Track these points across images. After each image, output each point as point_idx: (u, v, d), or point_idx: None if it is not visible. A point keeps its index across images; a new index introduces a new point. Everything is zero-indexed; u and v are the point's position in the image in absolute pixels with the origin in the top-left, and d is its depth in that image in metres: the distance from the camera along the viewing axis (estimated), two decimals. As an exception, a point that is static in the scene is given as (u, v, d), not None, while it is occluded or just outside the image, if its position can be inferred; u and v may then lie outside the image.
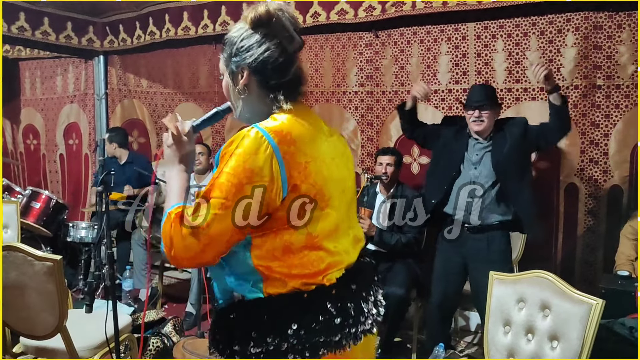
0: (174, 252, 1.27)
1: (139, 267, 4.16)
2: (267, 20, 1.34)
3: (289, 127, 1.32)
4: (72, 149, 5.87)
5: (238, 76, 1.38)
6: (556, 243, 3.61)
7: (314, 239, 1.32)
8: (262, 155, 1.25)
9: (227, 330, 1.34)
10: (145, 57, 5.24)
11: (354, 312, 1.34)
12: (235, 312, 1.34)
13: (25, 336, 2.51)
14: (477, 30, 3.64)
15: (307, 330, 1.28)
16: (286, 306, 1.30)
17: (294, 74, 1.38)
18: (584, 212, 3.50)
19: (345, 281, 1.36)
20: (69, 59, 5.75)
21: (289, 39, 1.36)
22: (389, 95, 4.03)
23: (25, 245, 2.31)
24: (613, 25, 3.24)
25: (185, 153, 1.45)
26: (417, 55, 3.87)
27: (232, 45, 1.39)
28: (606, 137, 3.37)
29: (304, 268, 1.31)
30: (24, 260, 2.29)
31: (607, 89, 3.32)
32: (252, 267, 1.30)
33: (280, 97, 1.36)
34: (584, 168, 3.45)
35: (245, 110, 1.41)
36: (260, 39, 1.35)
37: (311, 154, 1.33)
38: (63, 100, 5.90)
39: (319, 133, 1.40)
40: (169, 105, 5.22)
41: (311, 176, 1.31)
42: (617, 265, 3.16)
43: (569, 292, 1.93)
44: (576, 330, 1.87)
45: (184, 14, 4.69)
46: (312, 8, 4.05)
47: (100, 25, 5.27)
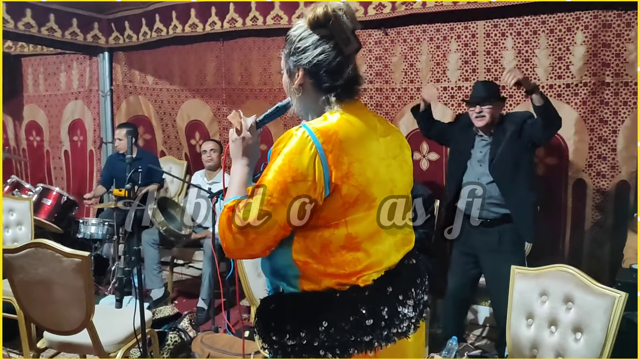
0: (226, 244, 1.33)
1: (151, 266, 4.17)
2: (325, 21, 1.35)
3: (336, 127, 1.33)
4: (77, 146, 5.87)
5: (294, 75, 1.42)
6: (564, 237, 3.68)
7: (353, 239, 1.34)
8: (307, 155, 1.28)
9: (265, 320, 1.39)
10: (151, 54, 5.24)
11: (387, 315, 1.36)
12: (275, 304, 1.39)
13: (52, 331, 2.53)
14: (486, 28, 3.69)
15: (336, 329, 1.31)
16: (319, 304, 1.33)
17: (348, 76, 1.39)
18: (591, 207, 3.57)
19: (382, 283, 1.37)
20: (72, 55, 5.74)
21: (346, 41, 1.36)
22: (398, 92, 4.07)
23: (54, 242, 2.33)
24: (622, 23, 3.30)
25: (248, 148, 1.48)
26: (427, 53, 3.91)
27: (291, 43, 1.41)
28: (614, 133, 3.44)
29: (340, 268, 1.33)
30: (52, 256, 2.31)
31: (615, 86, 3.38)
32: (291, 260, 1.33)
33: (332, 99, 1.39)
34: (592, 164, 3.52)
35: (300, 108, 1.45)
36: (316, 41, 1.37)
37: (356, 154, 1.34)
38: (67, 96, 5.89)
39: (371, 133, 1.41)
40: (175, 101, 5.23)
41: (353, 177, 1.32)
42: (626, 259, 3.23)
43: (592, 285, 1.99)
44: (600, 322, 1.93)
45: (192, 10, 4.70)
46: (322, 5, 4.07)
47: (106, 21, 5.27)
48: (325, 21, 1.35)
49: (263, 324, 1.39)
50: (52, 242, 2.33)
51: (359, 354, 1.34)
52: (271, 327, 1.36)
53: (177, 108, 5.24)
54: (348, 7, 1.37)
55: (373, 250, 1.37)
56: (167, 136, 5.41)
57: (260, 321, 1.40)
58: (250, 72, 4.72)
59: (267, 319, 1.38)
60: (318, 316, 1.32)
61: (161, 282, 4.21)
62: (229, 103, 4.92)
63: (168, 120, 5.33)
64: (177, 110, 5.24)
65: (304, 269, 1.34)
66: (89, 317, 2.38)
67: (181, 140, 5.29)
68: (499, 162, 3.05)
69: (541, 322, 2.12)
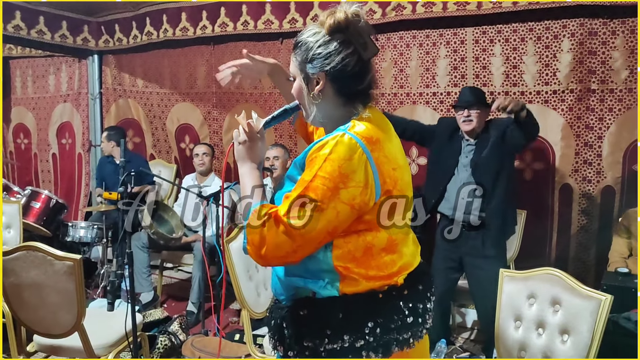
0: (265, 250, 1.28)
1: (140, 270, 4.16)
2: (345, 26, 1.33)
3: (375, 133, 1.35)
4: (65, 149, 5.84)
5: (314, 82, 1.39)
6: (551, 241, 3.74)
7: (393, 242, 1.37)
8: (357, 161, 1.28)
9: (296, 326, 1.38)
10: (142, 57, 5.24)
11: (421, 312, 1.41)
12: (307, 309, 1.37)
13: (42, 335, 2.52)
14: (475, 35, 3.74)
15: (383, 329, 1.34)
16: (362, 305, 1.34)
17: (369, 81, 1.41)
18: (577, 211, 3.63)
19: (412, 282, 1.41)
20: (61, 57, 5.73)
21: (365, 45, 1.35)
22: (388, 98, 4.11)
23: (45, 245, 2.33)
24: (607, 31, 3.37)
25: (257, 150, 1.46)
26: (416, 59, 3.96)
27: (308, 49, 1.37)
28: (600, 139, 3.50)
29: (380, 270, 1.36)
30: (43, 259, 2.31)
31: (601, 93, 3.45)
32: (332, 266, 1.33)
33: (358, 104, 1.40)
34: (578, 169, 3.58)
35: (319, 114, 1.42)
36: (337, 46, 1.34)
37: (395, 160, 1.38)
38: (56, 99, 5.87)
39: (393, 136, 1.44)
40: (165, 105, 5.23)
41: (398, 182, 1.36)
42: (611, 263, 3.29)
43: (579, 288, 2.03)
44: (586, 324, 1.97)
45: (182, 14, 4.72)
46: (313, 11, 4.12)
47: (95, 24, 5.27)
48: (346, 26, 1.33)
49: (295, 331, 1.38)
50: (43, 245, 2.33)
51: (398, 352, 1.37)
52: (306, 333, 1.36)
53: (167, 111, 5.24)
54: (363, 12, 1.36)
55: (404, 251, 1.41)
56: (156, 140, 5.40)
57: (289, 328, 1.39)
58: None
59: (298, 326, 1.37)
60: (363, 317, 1.33)
61: (150, 285, 4.20)
62: (219, 107, 4.93)
63: (158, 124, 5.33)
64: (167, 113, 5.24)
65: (346, 274, 1.34)
66: (80, 321, 2.38)
67: (171, 143, 5.29)
68: (482, 167, 3.10)
69: (529, 324, 2.16)
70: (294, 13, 4.20)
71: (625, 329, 2.38)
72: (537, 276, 2.17)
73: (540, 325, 2.12)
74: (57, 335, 2.46)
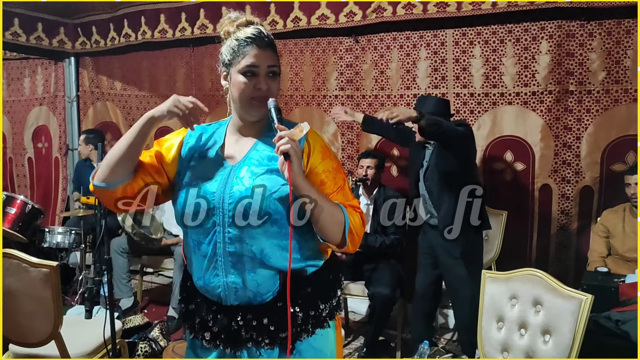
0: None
1: (120, 275, 4.09)
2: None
3: None
4: (42, 153, 5.73)
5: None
6: (531, 242, 3.76)
7: None
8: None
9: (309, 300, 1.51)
10: (120, 59, 5.17)
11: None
12: (313, 283, 1.53)
13: (17, 344, 2.46)
14: (455, 37, 3.76)
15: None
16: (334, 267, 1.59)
17: None
18: (557, 211, 3.66)
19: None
20: (37, 60, 5.62)
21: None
22: (368, 99, 4.11)
23: (20, 252, 2.27)
24: (585, 33, 3.41)
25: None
26: (397, 60, 3.96)
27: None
28: (578, 140, 3.54)
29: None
30: (18, 267, 2.26)
31: (579, 94, 3.48)
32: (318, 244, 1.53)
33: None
34: (557, 169, 3.61)
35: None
36: None
37: None
38: (31, 102, 5.76)
39: None
40: (144, 108, 5.16)
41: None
42: (590, 262, 3.33)
43: (560, 288, 2.04)
44: (568, 324, 1.98)
45: (161, 16, 4.66)
46: (293, 13, 4.09)
47: (72, 26, 5.17)
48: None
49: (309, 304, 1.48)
50: (18, 252, 2.27)
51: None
52: (318, 300, 1.50)
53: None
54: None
55: None
56: (135, 143, 5.31)
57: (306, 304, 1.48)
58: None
59: (312, 298, 1.49)
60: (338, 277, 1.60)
61: (130, 291, 4.13)
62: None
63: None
64: (146, 116, 5.15)
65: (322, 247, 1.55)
66: (57, 329, 2.33)
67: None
68: (430, 173, 3.20)
69: (511, 325, 2.16)
70: (274, 15, 4.17)
71: (605, 329, 2.40)
72: (518, 277, 2.18)
73: (523, 326, 2.13)
74: (34, 344, 2.41)
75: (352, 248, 1.47)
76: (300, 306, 1.45)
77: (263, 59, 1.44)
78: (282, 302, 1.42)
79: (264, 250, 1.42)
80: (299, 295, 1.45)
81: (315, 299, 1.49)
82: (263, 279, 1.44)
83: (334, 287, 1.56)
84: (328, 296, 1.52)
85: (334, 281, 1.56)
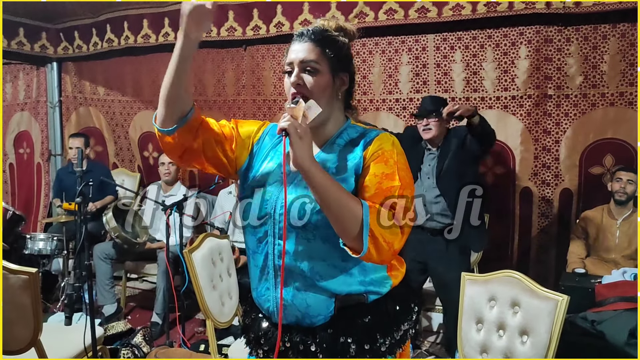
0: (398, 245, 1.28)
1: (103, 281, 4.06)
2: (353, 37, 1.48)
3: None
4: (23, 158, 5.67)
5: (338, 81, 1.42)
6: (512, 244, 3.81)
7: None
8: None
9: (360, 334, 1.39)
10: (103, 64, 5.14)
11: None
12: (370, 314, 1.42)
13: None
14: (436, 42, 3.80)
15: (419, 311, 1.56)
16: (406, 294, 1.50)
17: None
18: (537, 214, 3.71)
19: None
20: (18, 65, 5.57)
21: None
22: (351, 104, 4.13)
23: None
24: (562, 39, 3.46)
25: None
26: (379, 65, 3.99)
27: (340, 48, 1.42)
28: (557, 143, 3.59)
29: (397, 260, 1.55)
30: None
31: (557, 98, 3.54)
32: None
33: (349, 110, 1.49)
34: (537, 172, 3.67)
35: (324, 114, 1.38)
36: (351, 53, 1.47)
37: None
38: (13, 108, 5.69)
39: None
40: (127, 113, 5.15)
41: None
42: (569, 263, 3.38)
43: (536, 289, 2.07)
44: (544, 325, 2.01)
45: (144, 21, 4.65)
46: (276, 18, 4.11)
47: (54, 31, 5.14)
48: (353, 37, 1.48)
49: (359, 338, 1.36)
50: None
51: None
52: (371, 337, 1.37)
53: (129, 119, 5.15)
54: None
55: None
56: (119, 148, 5.30)
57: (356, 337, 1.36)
58: (205, 84, 4.70)
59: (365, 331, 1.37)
60: (410, 305, 1.48)
61: (114, 297, 4.10)
62: (182, 114, 4.86)
63: (120, 132, 5.23)
64: (130, 121, 5.15)
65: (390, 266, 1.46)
66: (37, 336, 2.31)
67: (134, 152, 5.20)
68: (446, 175, 3.16)
69: (490, 326, 2.19)
70: (257, 20, 4.18)
71: (582, 329, 2.44)
72: (497, 279, 2.20)
73: (501, 327, 2.16)
74: (13, 352, 2.37)
75: (376, 256, 1.24)
76: (353, 337, 1.34)
77: (296, 53, 1.37)
78: (334, 330, 1.34)
79: (314, 268, 1.33)
80: (354, 324, 1.35)
81: (373, 330, 1.36)
82: (313, 300, 1.34)
83: (399, 320, 1.41)
84: (389, 329, 1.38)
85: (400, 313, 1.41)
